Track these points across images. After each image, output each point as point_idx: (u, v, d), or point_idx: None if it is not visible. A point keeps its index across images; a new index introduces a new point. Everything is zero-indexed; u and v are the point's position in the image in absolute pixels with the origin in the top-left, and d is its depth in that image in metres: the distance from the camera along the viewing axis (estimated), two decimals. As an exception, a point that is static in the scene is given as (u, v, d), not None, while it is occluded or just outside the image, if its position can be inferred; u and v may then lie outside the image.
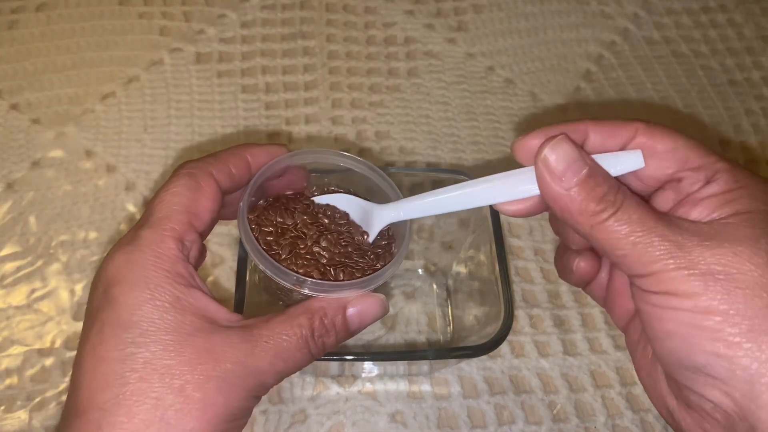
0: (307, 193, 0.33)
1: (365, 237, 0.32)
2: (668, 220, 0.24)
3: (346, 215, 0.32)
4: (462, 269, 0.44)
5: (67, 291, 0.46)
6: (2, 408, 0.42)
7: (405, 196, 0.31)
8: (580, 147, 0.25)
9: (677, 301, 0.22)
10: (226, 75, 0.59)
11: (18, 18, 0.61)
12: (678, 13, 0.66)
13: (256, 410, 0.41)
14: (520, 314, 0.46)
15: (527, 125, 0.57)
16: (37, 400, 0.42)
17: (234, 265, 0.47)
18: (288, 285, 0.28)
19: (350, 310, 0.28)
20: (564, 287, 0.48)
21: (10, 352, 0.44)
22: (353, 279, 0.29)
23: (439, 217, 0.44)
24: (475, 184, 0.28)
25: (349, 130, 0.56)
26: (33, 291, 0.46)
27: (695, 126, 0.57)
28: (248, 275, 0.36)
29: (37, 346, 0.44)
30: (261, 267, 0.28)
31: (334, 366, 0.41)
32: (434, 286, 0.47)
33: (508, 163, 0.27)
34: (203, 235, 0.28)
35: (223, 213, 0.30)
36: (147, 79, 0.58)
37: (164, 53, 0.60)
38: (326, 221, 0.31)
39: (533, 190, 0.26)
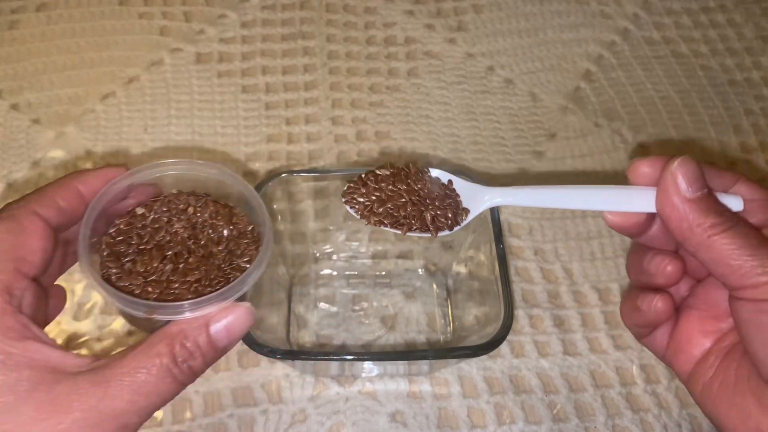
0: (162, 205, 0.31)
1: (465, 215, 0.32)
2: None
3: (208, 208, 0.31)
4: (462, 269, 0.44)
5: (67, 291, 0.46)
6: (3, 408, 0.42)
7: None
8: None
9: None
10: (226, 75, 0.59)
11: (18, 18, 0.62)
12: (678, 14, 0.66)
13: (256, 410, 0.41)
14: (520, 314, 0.46)
15: (527, 126, 0.57)
16: (38, 399, 0.42)
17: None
18: (140, 314, 0.26)
19: (213, 327, 0.26)
20: (564, 287, 0.48)
21: (11, 352, 0.44)
22: (215, 291, 0.27)
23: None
24: (592, 188, 0.30)
25: (349, 130, 0.56)
26: (33, 291, 0.46)
27: (695, 125, 0.57)
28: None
29: (38, 346, 0.44)
30: (109, 300, 0.26)
31: (334, 366, 0.41)
32: (434, 286, 0.47)
33: (507, 164, 0.27)
34: (43, 277, 0.26)
35: (69, 250, 0.28)
36: (147, 79, 0.58)
37: (164, 53, 0.60)
38: (182, 231, 0.29)
39: (644, 206, 0.28)
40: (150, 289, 0.27)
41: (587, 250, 0.50)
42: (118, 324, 0.45)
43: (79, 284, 0.47)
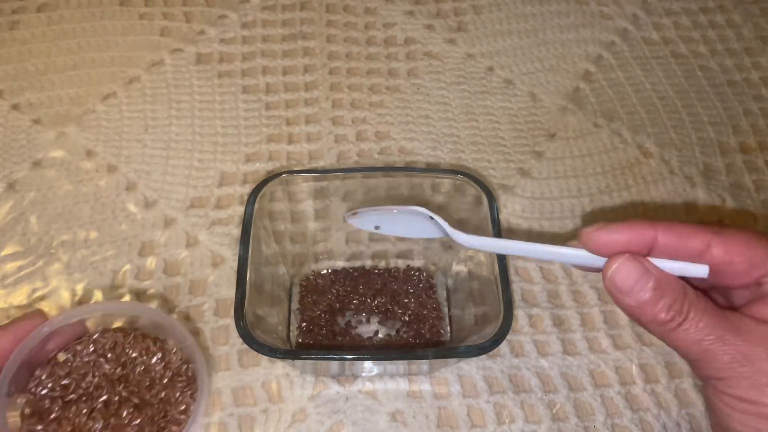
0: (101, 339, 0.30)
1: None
2: (737, 324, 0.26)
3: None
4: (462, 269, 0.45)
5: (68, 291, 0.46)
6: (4, 407, 0.42)
7: (405, 197, 0.31)
8: (646, 259, 0.27)
9: (745, 405, 0.24)
10: (226, 75, 0.59)
11: (19, 18, 0.62)
12: (677, 14, 0.66)
13: (256, 410, 0.41)
14: (520, 314, 0.46)
15: (527, 126, 0.57)
16: (39, 399, 0.42)
17: (234, 265, 0.47)
18: None
19: None
20: (563, 287, 0.48)
21: (12, 351, 0.44)
22: None
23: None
24: (567, 249, 0.29)
25: (349, 131, 0.56)
26: (34, 291, 0.47)
27: (695, 124, 0.58)
28: (248, 275, 0.36)
29: (39, 345, 0.44)
30: None
31: (334, 365, 0.41)
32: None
33: (506, 164, 0.27)
34: None
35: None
36: (148, 80, 0.58)
37: (165, 54, 0.60)
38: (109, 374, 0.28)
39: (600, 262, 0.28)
40: None
41: (587, 250, 0.50)
42: None
43: (79, 284, 0.47)
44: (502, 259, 0.36)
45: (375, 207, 0.33)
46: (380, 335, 0.45)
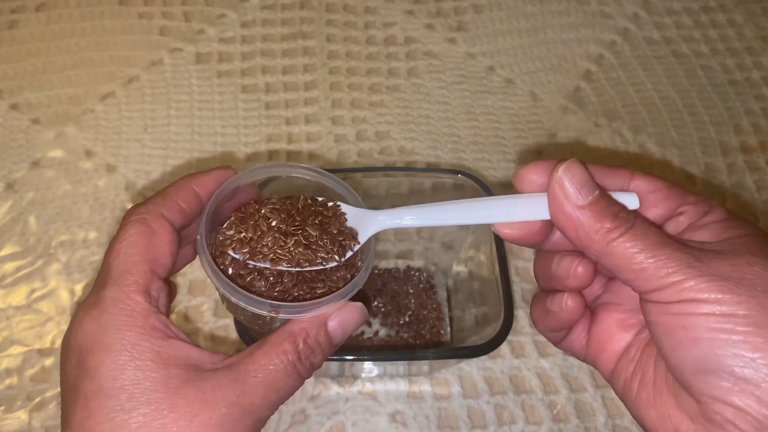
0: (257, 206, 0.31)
1: (353, 242, 0.30)
2: (679, 239, 0.25)
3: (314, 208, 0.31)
4: (462, 269, 0.44)
5: (67, 291, 0.46)
6: (2, 408, 0.42)
7: (405, 197, 0.31)
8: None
9: (701, 306, 0.23)
10: (226, 75, 0.59)
11: (18, 18, 0.61)
12: (678, 13, 0.66)
13: (256, 410, 0.41)
14: (520, 314, 0.46)
15: (527, 125, 0.57)
16: (37, 400, 0.42)
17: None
18: (264, 313, 0.27)
19: (331, 324, 0.28)
20: (564, 287, 0.48)
21: (10, 352, 0.44)
22: (327, 291, 0.28)
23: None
24: (479, 201, 0.28)
25: (349, 130, 0.56)
26: (33, 291, 0.46)
27: (696, 125, 0.57)
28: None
29: (37, 346, 0.44)
30: (233, 299, 0.27)
31: (334, 366, 0.41)
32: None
33: (507, 163, 0.27)
34: (167, 277, 0.27)
35: (180, 250, 0.29)
36: (147, 79, 0.58)
37: (164, 53, 0.60)
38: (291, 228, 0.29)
39: (537, 214, 0.27)
40: (276, 293, 0.28)
41: (587, 250, 0.50)
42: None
43: (79, 284, 0.47)
44: (502, 260, 0.36)
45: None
46: (380, 336, 0.45)
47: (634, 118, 0.58)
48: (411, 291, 0.46)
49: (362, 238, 0.30)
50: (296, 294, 0.28)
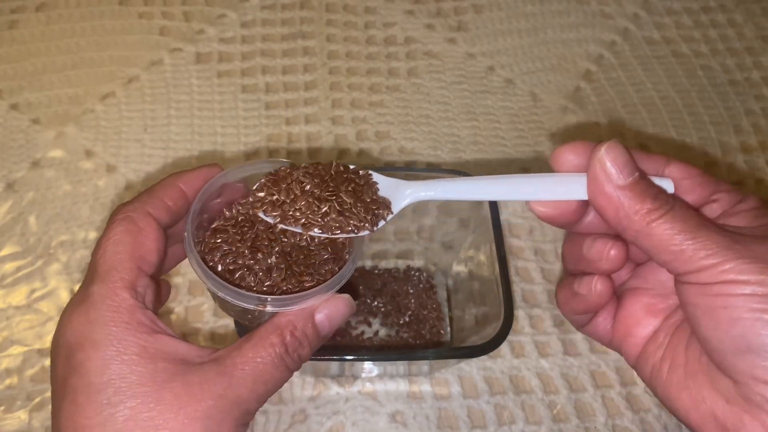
0: (245, 205, 0.31)
1: (386, 212, 0.30)
2: (716, 222, 0.25)
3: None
4: (462, 269, 0.44)
5: (66, 291, 0.46)
6: (2, 408, 0.42)
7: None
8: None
9: (743, 287, 0.23)
10: (226, 75, 0.59)
11: (18, 18, 0.61)
12: (678, 13, 0.66)
13: (256, 410, 0.41)
14: (520, 314, 0.46)
15: (527, 125, 0.57)
16: (37, 400, 0.42)
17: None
18: (251, 307, 0.27)
19: (318, 316, 0.28)
20: (564, 287, 0.48)
21: (10, 352, 0.44)
22: (315, 284, 0.28)
23: (439, 216, 0.44)
24: (516, 177, 0.28)
25: (349, 130, 0.56)
26: (33, 291, 0.46)
27: (696, 125, 0.57)
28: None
29: (37, 346, 0.44)
30: (220, 294, 0.27)
31: (334, 366, 0.41)
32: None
33: (507, 163, 0.27)
34: (156, 275, 0.28)
35: (168, 247, 0.29)
36: (147, 79, 0.58)
37: (164, 53, 0.60)
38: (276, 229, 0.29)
39: (574, 193, 0.27)
40: (265, 287, 0.28)
41: (587, 250, 0.50)
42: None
43: (78, 284, 0.47)
44: (502, 260, 0.36)
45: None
46: (380, 336, 0.45)
47: (634, 118, 0.58)
48: (411, 291, 0.46)
49: (395, 209, 0.30)
50: (285, 288, 0.28)
